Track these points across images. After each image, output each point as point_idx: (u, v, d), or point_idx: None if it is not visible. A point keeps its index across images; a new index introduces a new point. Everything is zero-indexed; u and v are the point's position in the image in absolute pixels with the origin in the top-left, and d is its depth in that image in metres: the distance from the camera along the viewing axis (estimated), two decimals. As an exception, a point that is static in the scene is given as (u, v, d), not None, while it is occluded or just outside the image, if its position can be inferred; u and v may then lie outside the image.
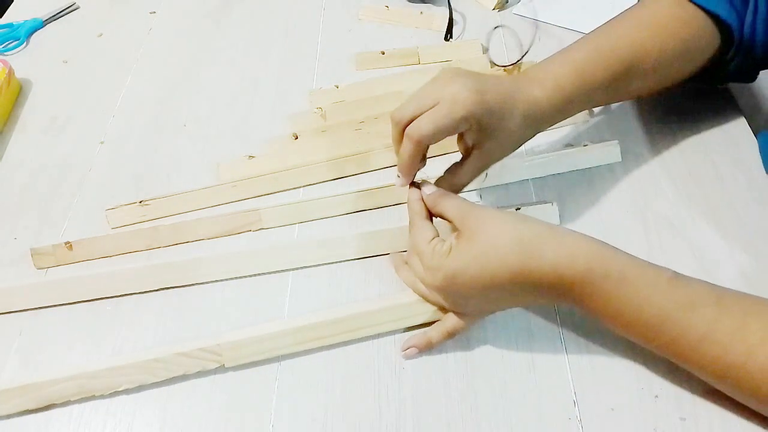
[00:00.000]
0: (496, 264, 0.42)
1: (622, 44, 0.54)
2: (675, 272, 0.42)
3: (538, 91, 0.50)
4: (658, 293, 0.41)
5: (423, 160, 0.49)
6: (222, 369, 0.49)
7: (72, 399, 0.48)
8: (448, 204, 0.46)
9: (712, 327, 0.40)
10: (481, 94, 0.46)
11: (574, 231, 0.43)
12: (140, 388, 0.49)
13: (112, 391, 0.48)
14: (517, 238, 0.42)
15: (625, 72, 0.53)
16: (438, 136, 0.46)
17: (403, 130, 0.47)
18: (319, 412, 0.47)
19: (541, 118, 0.51)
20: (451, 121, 0.45)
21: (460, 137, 0.50)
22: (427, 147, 0.47)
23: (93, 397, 0.48)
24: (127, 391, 0.49)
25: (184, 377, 0.49)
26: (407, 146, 0.46)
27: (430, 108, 0.46)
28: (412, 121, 0.46)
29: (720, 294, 0.41)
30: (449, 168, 0.51)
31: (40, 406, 0.48)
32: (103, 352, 0.52)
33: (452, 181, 0.50)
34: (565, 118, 0.53)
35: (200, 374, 0.49)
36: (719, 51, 0.57)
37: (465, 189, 0.53)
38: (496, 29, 0.73)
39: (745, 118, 0.63)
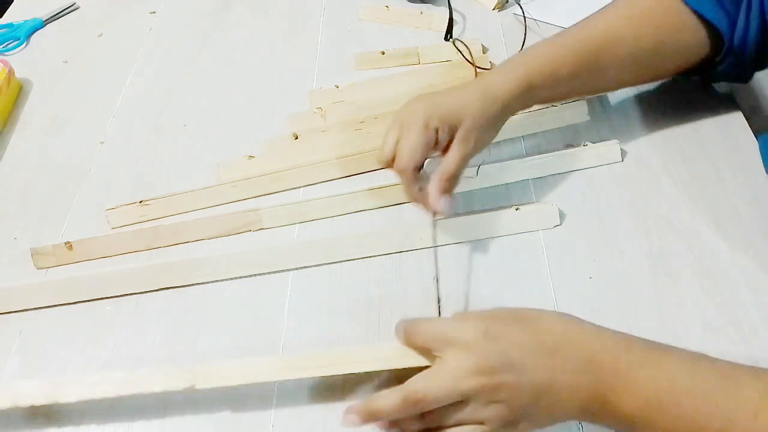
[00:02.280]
0: (540, 325, 0.39)
1: (592, 30, 0.55)
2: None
3: (495, 75, 0.53)
4: (702, 364, 0.38)
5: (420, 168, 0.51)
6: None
7: (37, 404, 0.45)
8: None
9: (764, 398, 0.36)
10: (431, 99, 0.51)
11: None
12: (140, 388, 0.49)
13: (81, 399, 0.45)
14: (559, 313, 0.41)
15: (595, 57, 0.54)
16: (416, 154, 0.49)
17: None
18: (320, 412, 0.47)
19: (504, 97, 0.52)
20: (417, 133, 0.49)
21: (437, 143, 0.51)
22: (419, 168, 0.51)
23: (93, 398, 0.48)
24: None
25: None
26: (401, 179, 0.51)
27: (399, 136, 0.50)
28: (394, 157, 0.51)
29: (749, 366, 0.38)
30: (437, 168, 0.51)
31: (4, 408, 0.46)
32: (103, 353, 0.52)
33: (442, 172, 0.50)
34: (538, 100, 0.55)
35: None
36: (710, 51, 0.56)
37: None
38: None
39: (745, 118, 0.63)
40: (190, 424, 0.47)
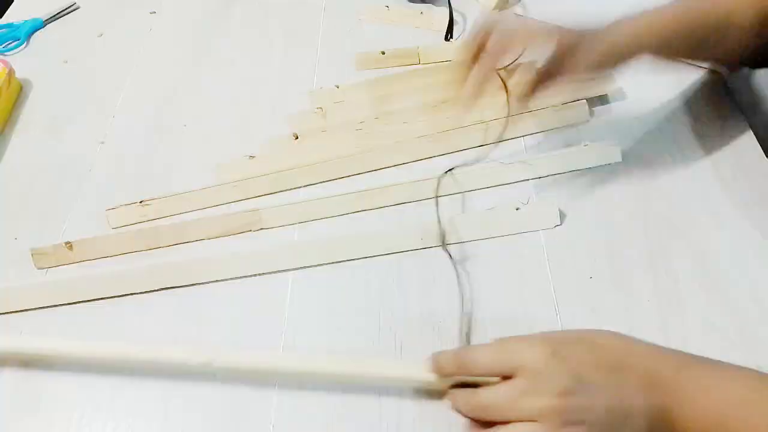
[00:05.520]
0: (601, 343, 0.39)
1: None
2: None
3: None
4: (754, 378, 0.38)
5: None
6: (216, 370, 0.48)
7: (45, 354, 0.49)
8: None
9: None
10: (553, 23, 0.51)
11: None
12: (141, 389, 0.49)
13: (88, 356, 0.48)
14: (613, 332, 0.39)
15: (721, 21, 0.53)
16: (527, 36, 0.50)
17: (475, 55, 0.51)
18: (320, 412, 0.47)
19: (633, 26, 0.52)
20: (540, 29, 0.50)
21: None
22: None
23: (94, 397, 0.49)
24: (129, 390, 0.49)
25: (184, 377, 0.49)
26: (483, 61, 0.51)
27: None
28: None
29: None
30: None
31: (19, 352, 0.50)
32: (103, 352, 0.52)
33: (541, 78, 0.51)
34: (673, 39, 0.53)
35: (201, 375, 0.49)
36: None
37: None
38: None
39: (746, 117, 0.63)
40: (190, 425, 0.47)
